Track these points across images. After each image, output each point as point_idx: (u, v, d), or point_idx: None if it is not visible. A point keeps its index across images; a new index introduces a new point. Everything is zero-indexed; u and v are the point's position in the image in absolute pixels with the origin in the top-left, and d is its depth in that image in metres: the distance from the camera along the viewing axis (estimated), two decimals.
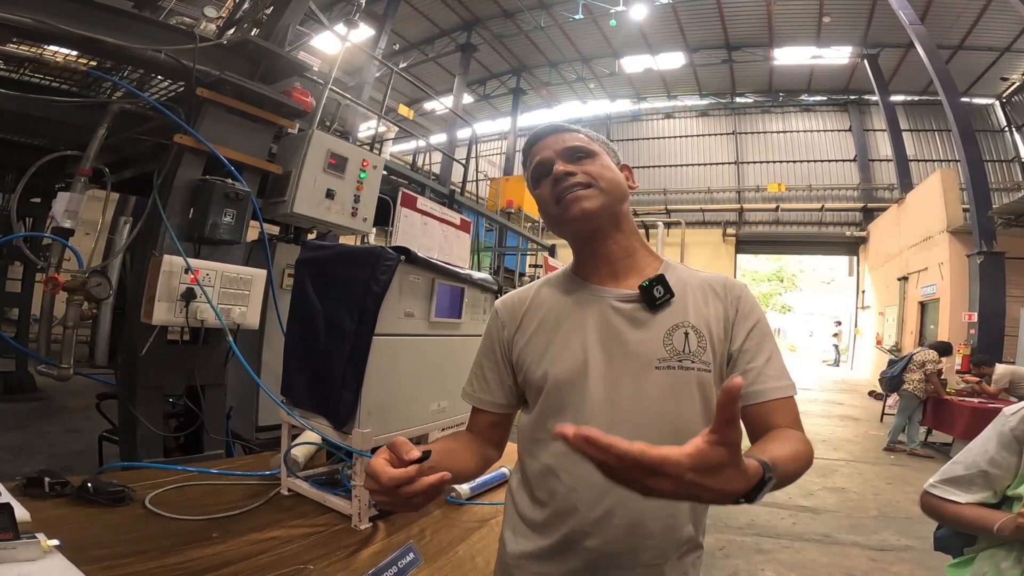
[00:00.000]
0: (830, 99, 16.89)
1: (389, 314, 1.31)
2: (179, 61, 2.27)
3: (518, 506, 0.91)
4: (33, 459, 3.67)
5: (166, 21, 2.65)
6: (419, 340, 1.43)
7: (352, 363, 1.27)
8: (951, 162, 13.31)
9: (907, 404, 6.17)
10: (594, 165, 0.88)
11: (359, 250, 1.35)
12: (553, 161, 0.88)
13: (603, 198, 0.86)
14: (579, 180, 0.86)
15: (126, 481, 1.41)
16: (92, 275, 2.21)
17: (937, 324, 10.42)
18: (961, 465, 1.16)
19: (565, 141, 0.89)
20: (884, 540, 3.52)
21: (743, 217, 17.12)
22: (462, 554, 1.22)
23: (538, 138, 0.92)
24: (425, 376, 1.43)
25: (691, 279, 0.90)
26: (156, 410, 2.33)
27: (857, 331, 16.48)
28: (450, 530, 1.32)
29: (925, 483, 1.22)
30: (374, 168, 2.96)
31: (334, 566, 1.10)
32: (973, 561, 1.15)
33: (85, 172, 2.31)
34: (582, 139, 0.90)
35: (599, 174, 0.87)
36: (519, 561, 0.88)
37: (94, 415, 2.86)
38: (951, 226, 10.07)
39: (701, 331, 0.85)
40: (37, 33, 2.07)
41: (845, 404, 10.02)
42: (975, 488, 1.13)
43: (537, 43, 15.45)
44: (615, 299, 0.87)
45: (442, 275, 1.46)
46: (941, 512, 1.18)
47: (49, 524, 1.08)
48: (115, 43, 2.15)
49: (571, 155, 0.88)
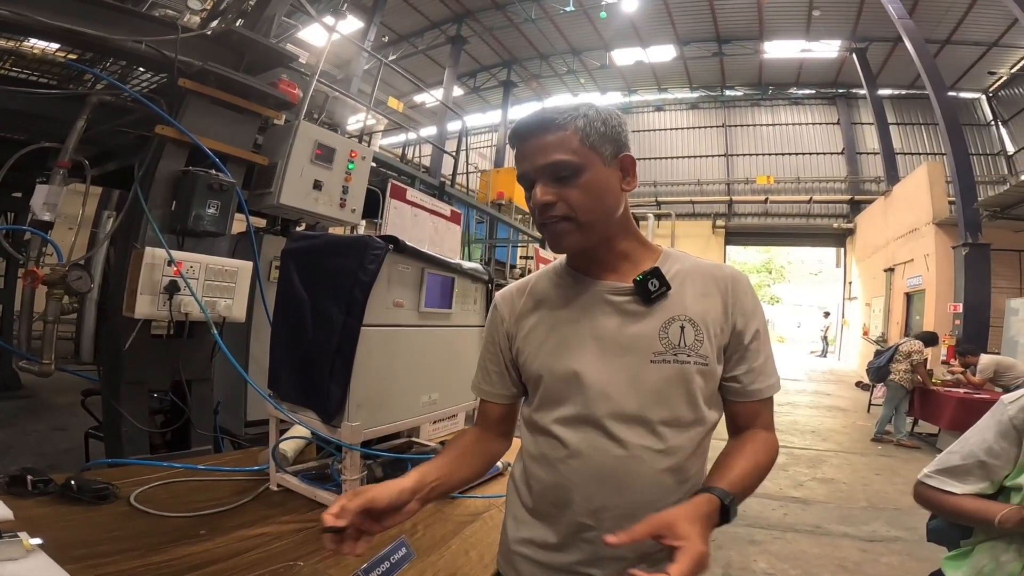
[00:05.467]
0: (818, 93, 17.01)
1: (378, 304, 1.29)
2: (161, 52, 2.22)
3: (520, 495, 0.92)
4: (20, 458, 3.59)
5: (150, 13, 2.59)
6: (409, 331, 1.40)
7: (340, 355, 1.24)
8: (938, 155, 13.43)
9: (894, 394, 6.25)
10: (577, 189, 0.79)
11: (346, 239, 1.32)
12: (535, 178, 0.81)
13: (582, 235, 0.82)
14: (558, 213, 0.80)
15: (111, 478, 1.39)
16: (72, 269, 2.15)
17: (923, 315, 10.53)
18: (958, 455, 1.13)
19: (548, 154, 0.79)
20: (874, 531, 3.56)
21: (732, 209, 17.26)
22: (455, 548, 1.21)
23: (522, 135, 0.82)
24: (415, 368, 1.41)
25: (692, 270, 0.88)
26: (141, 406, 2.29)
27: (844, 322, 16.70)
28: (443, 524, 1.30)
29: (919, 474, 1.19)
30: (362, 159, 2.92)
31: (325, 562, 1.08)
32: (971, 553, 1.13)
33: (64, 165, 2.26)
34: (569, 148, 0.79)
35: (581, 204, 0.79)
36: (521, 546, 0.89)
37: (80, 412, 2.81)
38: (937, 218, 10.18)
39: (698, 324, 0.84)
40: (15, 26, 2.01)
41: (833, 395, 10.17)
42: (972, 479, 1.10)
43: (528, 35, 15.34)
44: (610, 293, 0.86)
45: (432, 264, 1.43)
46: (938, 503, 1.15)
47: (32, 523, 1.05)
48: (95, 34, 2.10)
49: (552, 174, 0.80)
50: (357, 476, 1.26)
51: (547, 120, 0.80)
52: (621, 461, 0.81)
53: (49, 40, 2.31)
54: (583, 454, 0.82)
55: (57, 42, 2.33)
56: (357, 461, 1.26)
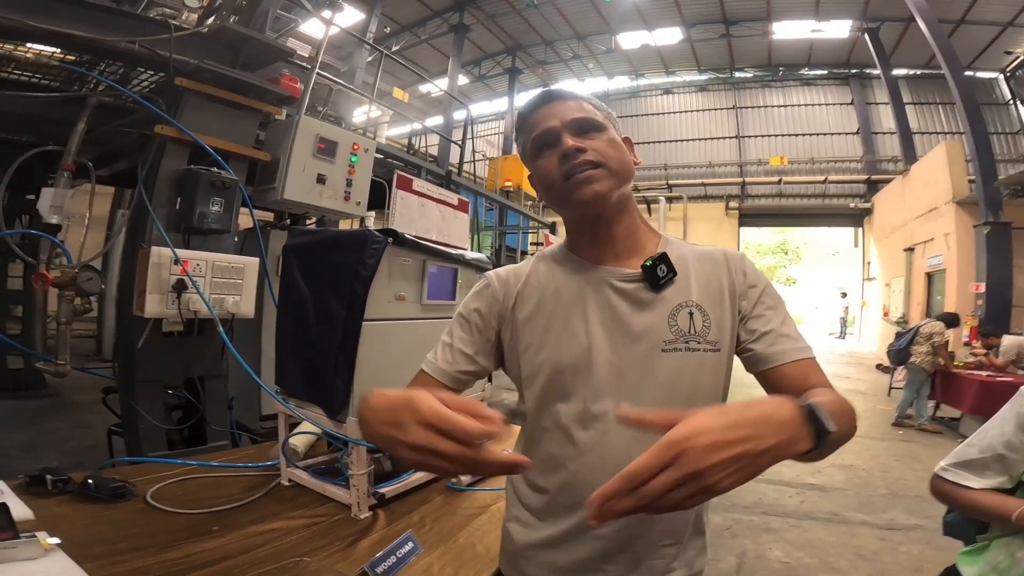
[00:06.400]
0: (831, 73, 16.58)
1: (379, 298, 1.27)
2: (155, 52, 2.22)
3: (520, 495, 0.88)
4: (44, 455, 3.66)
5: (147, 13, 2.59)
6: (412, 324, 1.39)
7: (343, 350, 1.23)
8: (956, 134, 13.05)
9: (915, 378, 6.08)
10: (603, 142, 0.81)
11: (345, 234, 1.31)
12: (560, 132, 0.80)
13: (613, 180, 0.80)
14: (590, 159, 0.78)
15: (128, 476, 1.41)
16: (82, 270, 2.18)
17: (944, 295, 10.34)
18: (975, 448, 1.09)
19: (572, 111, 0.81)
20: (893, 519, 3.48)
21: (745, 190, 17.00)
22: (462, 542, 1.20)
23: (540, 104, 0.84)
24: (419, 361, 1.39)
25: (690, 254, 0.86)
26: (156, 403, 2.32)
27: (863, 303, 16.40)
28: (451, 517, 1.30)
29: (936, 466, 1.14)
30: (365, 151, 2.90)
31: (333, 557, 1.09)
32: (987, 549, 1.09)
33: (68, 167, 2.28)
34: (590, 109, 0.83)
35: (609, 153, 0.80)
36: (527, 551, 0.86)
37: (102, 409, 2.85)
38: (957, 197, 9.93)
39: (705, 309, 0.81)
40: (7, 30, 2.02)
41: (852, 378, 9.98)
42: (990, 472, 1.05)
43: (531, 21, 15.10)
44: (617, 279, 0.83)
45: (433, 256, 1.41)
46: (954, 498, 1.10)
47: (52, 522, 1.08)
48: (88, 36, 2.11)
49: (579, 128, 0.81)
50: (364, 471, 1.26)
51: (564, 92, 0.85)
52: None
53: (42, 44, 2.33)
54: (595, 451, 0.78)
55: (50, 45, 2.34)
56: (364, 456, 1.25)
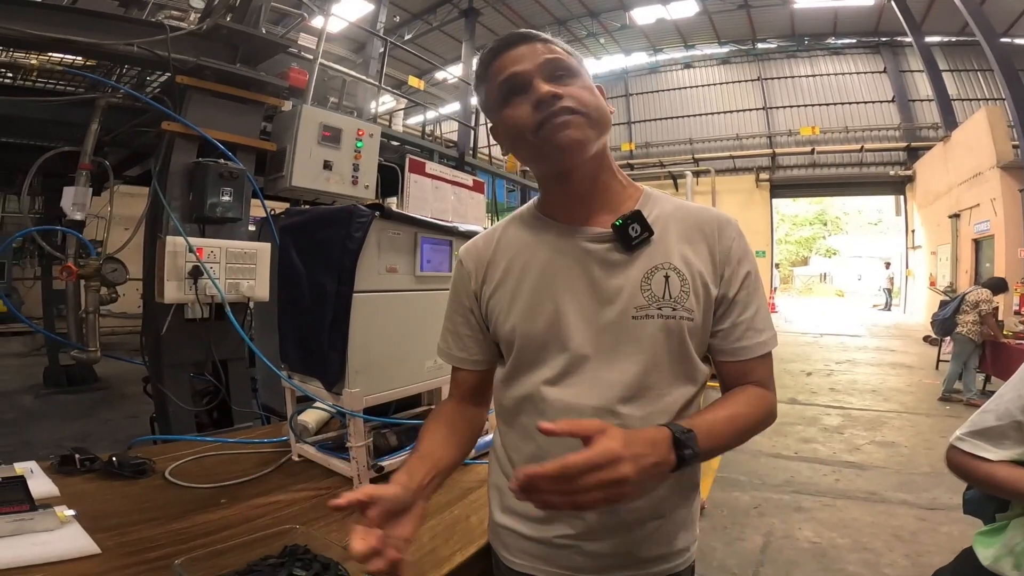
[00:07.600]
0: (860, 42, 15.79)
1: (369, 271, 1.28)
2: (154, 53, 2.29)
3: (502, 467, 0.87)
4: (97, 445, 3.83)
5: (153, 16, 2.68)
6: (406, 296, 1.39)
7: (336, 323, 1.25)
8: (997, 100, 12.19)
9: (962, 349, 5.70)
10: (579, 87, 0.74)
11: (333, 210, 1.33)
12: (532, 76, 0.73)
13: (594, 130, 0.74)
14: (567, 105, 0.71)
15: (152, 454, 1.46)
16: (107, 261, 2.29)
17: (992, 261, 9.85)
18: (992, 414, 0.98)
19: (543, 53, 0.74)
20: (935, 498, 3.27)
21: (776, 162, 16.44)
22: (457, 513, 1.21)
23: (507, 47, 0.75)
24: (416, 332, 1.39)
25: (676, 212, 0.80)
26: (183, 387, 2.43)
27: (909, 272, 15.64)
28: (449, 490, 1.29)
29: (952, 436, 1.04)
30: (371, 136, 2.94)
31: (329, 526, 1.10)
32: (1005, 529, 0.99)
33: (85, 166, 2.41)
34: (562, 52, 0.75)
35: (588, 100, 0.73)
36: (506, 520, 0.85)
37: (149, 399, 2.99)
38: (1001, 162, 9.50)
39: (683, 273, 0.76)
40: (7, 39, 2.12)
41: (898, 351, 9.53)
42: (1008, 442, 0.95)
43: (542, 1, 14.80)
44: (587, 240, 0.78)
45: (425, 228, 1.40)
46: (969, 470, 1.00)
47: (75, 497, 1.15)
48: (87, 41, 2.20)
49: (553, 72, 0.73)
50: (363, 443, 1.27)
51: (533, 33, 0.77)
52: None
53: (43, 50, 2.43)
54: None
55: (51, 51, 2.44)
56: (361, 427, 1.27)
